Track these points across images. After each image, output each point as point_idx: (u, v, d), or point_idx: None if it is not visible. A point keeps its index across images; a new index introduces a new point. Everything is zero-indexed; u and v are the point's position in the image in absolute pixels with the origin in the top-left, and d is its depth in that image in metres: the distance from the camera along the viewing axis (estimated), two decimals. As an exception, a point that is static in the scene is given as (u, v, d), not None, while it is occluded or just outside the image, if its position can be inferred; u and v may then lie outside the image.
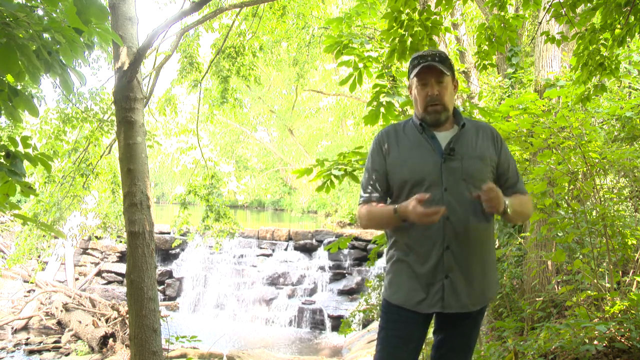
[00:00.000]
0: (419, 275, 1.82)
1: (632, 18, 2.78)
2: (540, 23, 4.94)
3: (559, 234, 3.63)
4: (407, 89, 2.04)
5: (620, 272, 3.77)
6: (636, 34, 2.85)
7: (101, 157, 7.34)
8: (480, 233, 1.83)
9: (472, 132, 1.90)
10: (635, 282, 3.62)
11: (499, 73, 7.22)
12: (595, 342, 2.75)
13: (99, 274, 13.00)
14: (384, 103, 3.11)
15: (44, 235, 7.51)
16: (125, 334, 8.48)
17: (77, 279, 12.76)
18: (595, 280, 3.47)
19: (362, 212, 1.91)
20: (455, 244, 1.79)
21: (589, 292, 3.57)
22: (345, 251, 12.04)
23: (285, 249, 12.91)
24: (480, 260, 1.84)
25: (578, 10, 3.26)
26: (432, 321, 2.00)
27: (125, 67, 3.55)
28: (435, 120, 1.88)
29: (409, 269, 1.84)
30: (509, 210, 1.78)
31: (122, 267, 12.57)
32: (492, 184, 1.74)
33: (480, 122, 2.01)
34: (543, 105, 3.56)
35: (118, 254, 13.21)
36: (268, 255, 12.82)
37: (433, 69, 1.85)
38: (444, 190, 1.79)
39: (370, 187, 1.93)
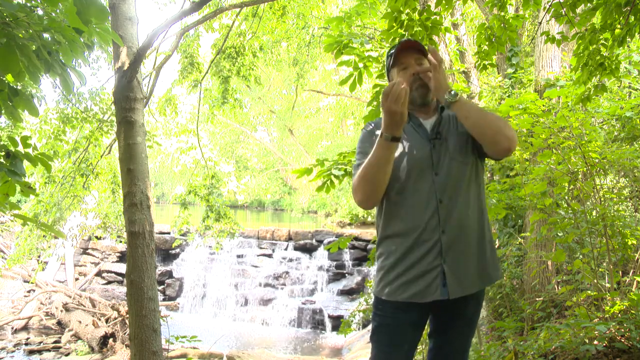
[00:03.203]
0: (415, 264, 1.76)
1: (632, 18, 2.77)
2: (540, 23, 4.94)
3: (559, 234, 3.63)
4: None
5: (620, 272, 3.77)
6: (636, 34, 2.84)
7: (101, 157, 7.34)
8: (474, 212, 1.81)
9: (452, 114, 1.90)
10: (635, 282, 3.62)
11: (499, 73, 7.22)
12: (595, 342, 2.74)
13: (99, 274, 13.00)
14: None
15: (44, 236, 7.51)
16: (125, 334, 8.48)
17: (77, 279, 12.76)
18: (595, 280, 3.47)
19: (354, 179, 1.82)
20: (450, 226, 1.76)
21: (589, 292, 3.57)
22: (345, 251, 12.05)
23: (285, 249, 12.91)
24: (476, 239, 1.81)
25: (578, 10, 3.26)
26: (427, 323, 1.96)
27: (125, 67, 3.55)
28: (423, 96, 1.88)
29: (403, 259, 1.78)
30: (456, 98, 1.75)
31: (122, 267, 12.57)
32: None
33: None
34: (543, 105, 3.55)
35: (118, 254, 13.21)
36: (268, 255, 12.82)
37: (411, 48, 1.90)
38: (434, 175, 1.79)
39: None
